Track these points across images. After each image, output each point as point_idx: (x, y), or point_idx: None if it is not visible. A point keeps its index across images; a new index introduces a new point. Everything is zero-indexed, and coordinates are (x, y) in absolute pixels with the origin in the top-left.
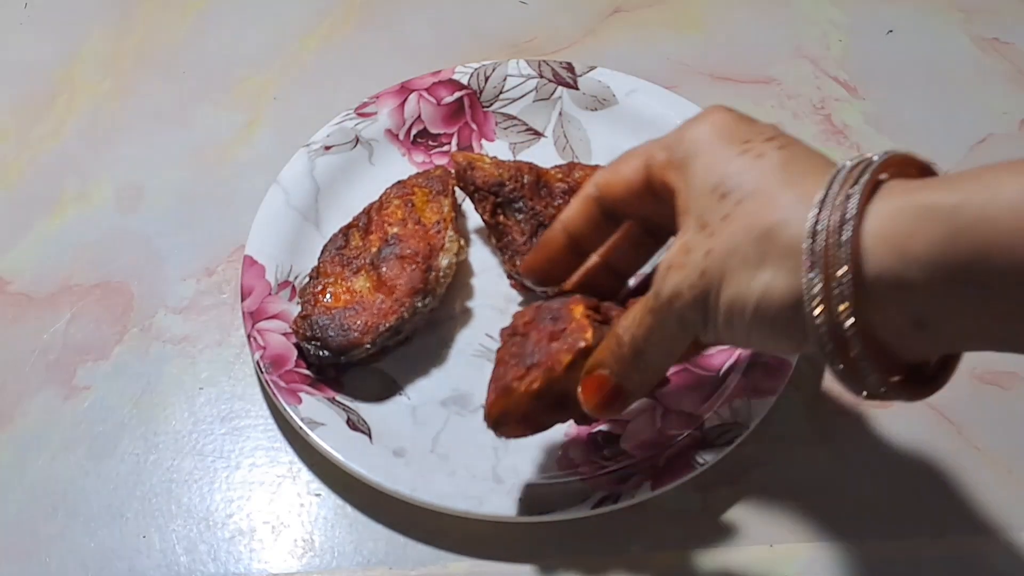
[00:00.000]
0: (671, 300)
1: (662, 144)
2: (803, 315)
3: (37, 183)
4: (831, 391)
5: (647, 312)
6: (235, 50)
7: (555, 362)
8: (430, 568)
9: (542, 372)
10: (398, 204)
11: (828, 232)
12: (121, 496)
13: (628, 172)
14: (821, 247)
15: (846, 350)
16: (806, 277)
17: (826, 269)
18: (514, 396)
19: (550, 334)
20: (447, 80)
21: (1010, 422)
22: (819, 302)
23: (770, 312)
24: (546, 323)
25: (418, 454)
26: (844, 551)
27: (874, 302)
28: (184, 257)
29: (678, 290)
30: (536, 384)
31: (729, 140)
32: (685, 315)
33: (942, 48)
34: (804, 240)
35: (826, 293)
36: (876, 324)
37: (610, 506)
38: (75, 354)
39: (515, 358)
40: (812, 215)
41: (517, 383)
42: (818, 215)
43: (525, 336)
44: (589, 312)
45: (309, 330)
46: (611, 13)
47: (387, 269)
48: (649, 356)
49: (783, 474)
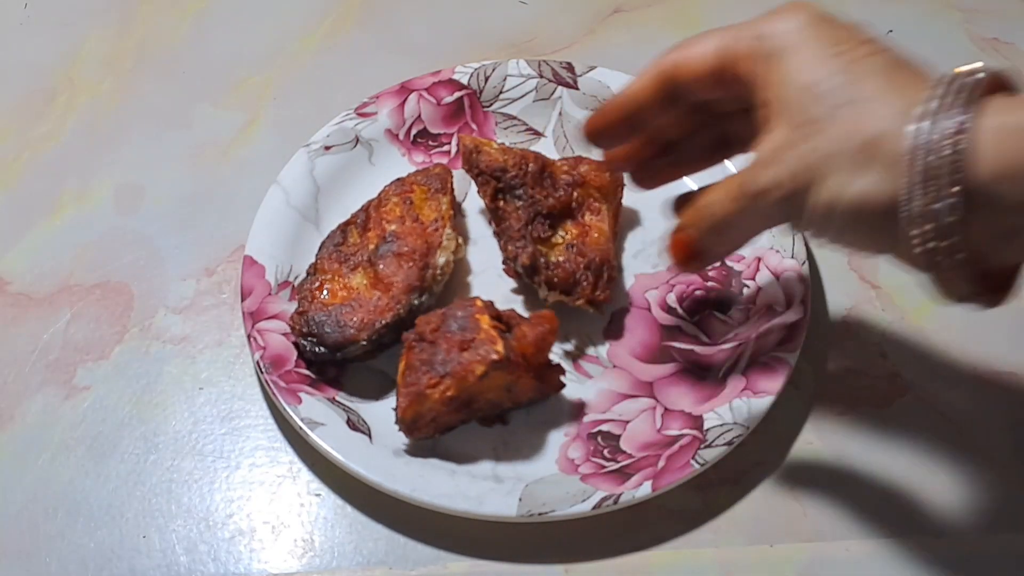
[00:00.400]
0: (762, 194)
1: (748, 32)
2: (899, 222)
3: (37, 183)
4: (831, 391)
5: (733, 200)
6: (235, 50)
7: (468, 372)
8: (430, 568)
9: (456, 381)
10: (396, 202)
11: (936, 146)
12: (121, 496)
13: (705, 53)
14: (932, 160)
15: (942, 261)
16: (910, 189)
17: (933, 181)
18: (428, 402)
19: (460, 343)
20: (447, 80)
21: (1010, 422)
22: (922, 214)
23: (867, 215)
24: (454, 332)
25: (418, 454)
26: (844, 551)
27: (979, 216)
28: (184, 257)
29: (771, 184)
30: (450, 391)
31: (823, 39)
32: (774, 209)
33: (942, 48)
34: (911, 152)
35: (928, 206)
36: (973, 235)
37: (610, 506)
38: (75, 354)
39: (426, 365)
40: (923, 127)
41: (431, 390)
42: (929, 127)
43: (433, 344)
44: (495, 323)
45: (305, 326)
46: (611, 13)
47: (384, 266)
48: (732, 233)
49: (783, 474)
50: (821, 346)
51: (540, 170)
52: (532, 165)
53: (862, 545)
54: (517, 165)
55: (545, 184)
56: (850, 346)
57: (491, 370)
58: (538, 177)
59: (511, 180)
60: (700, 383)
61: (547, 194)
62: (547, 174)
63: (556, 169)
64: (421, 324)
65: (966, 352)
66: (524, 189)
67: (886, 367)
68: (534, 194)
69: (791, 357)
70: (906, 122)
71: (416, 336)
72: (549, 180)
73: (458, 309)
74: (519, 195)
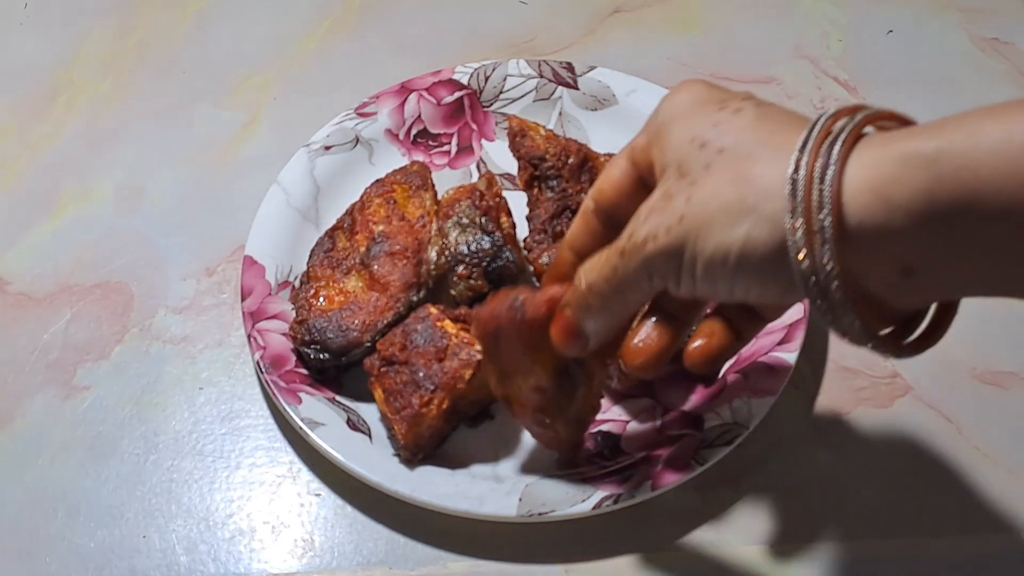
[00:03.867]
0: (644, 242)
1: (647, 127)
2: (788, 260)
3: (37, 183)
4: (831, 391)
5: (616, 252)
6: (235, 50)
7: (457, 379)
8: (430, 568)
9: (447, 392)
10: (380, 203)
11: (810, 177)
12: (121, 496)
13: (616, 172)
14: (803, 192)
15: (830, 295)
16: (789, 222)
17: (808, 214)
18: (426, 420)
19: (435, 354)
20: (447, 80)
21: (1010, 422)
22: (803, 247)
23: (754, 258)
24: (423, 346)
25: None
26: (844, 551)
27: (858, 249)
28: (184, 257)
29: (654, 232)
30: (445, 404)
31: (706, 102)
32: (656, 262)
33: (942, 48)
34: (786, 185)
35: (809, 238)
36: (862, 273)
37: (610, 506)
38: (75, 354)
39: (409, 386)
40: (793, 159)
41: (426, 409)
42: (799, 160)
43: (406, 363)
44: (460, 324)
45: (307, 334)
46: (611, 13)
47: (379, 267)
48: (610, 302)
49: (783, 474)
50: (821, 346)
51: (580, 164)
52: (572, 158)
53: (862, 545)
54: (557, 156)
55: (583, 179)
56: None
57: (477, 371)
58: (576, 171)
59: (547, 170)
60: (700, 383)
61: (581, 189)
62: (587, 167)
63: (599, 164)
64: (384, 347)
65: (966, 352)
66: (559, 181)
67: (886, 367)
68: (567, 188)
69: (791, 357)
70: (783, 158)
71: (383, 361)
72: (588, 175)
73: (416, 323)
74: (552, 186)
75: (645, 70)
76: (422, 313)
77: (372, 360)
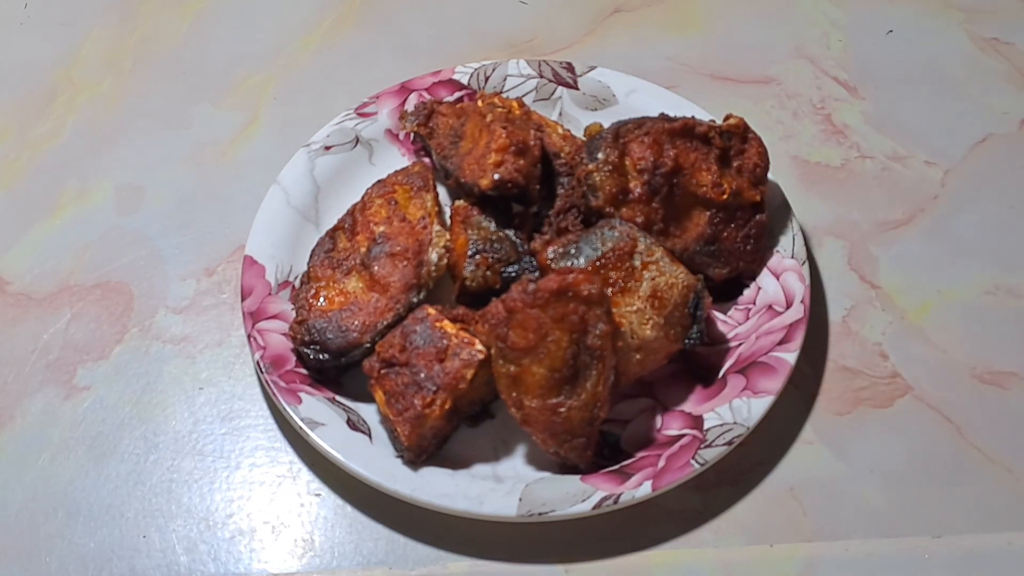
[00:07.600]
0: None
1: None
2: None
3: (37, 183)
4: (831, 391)
5: None
6: (235, 50)
7: (459, 379)
8: (430, 568)
9: (449, 392)
10: (381, 203)
11: None
12: (121, 496)
13: None
14: None
15: None
16: None
17: None
18: (429, 421)
19: (435, 355)
20: (447, 80)
21: (1010, 422)
22: None
23: None
24: (423, 347)
25: None
26: (844, 551)
27: None
28: (184, 257)
29: None
30: (448, 404)
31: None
32: None
33: (942, 48)
34: None
35: None
36: None
37: (610, 506)
38: (75, 354)
39: (410, 387)
40: None
41: (428, 410)
42: None
43: (406, 364)
44: (459, 325)
45: (307, 335)
46: (611, 13)
47: (379, 268)
48: None
49: (783, 474)
50: (821, 346)
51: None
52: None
53: (862, 545)
54: (571, 155)
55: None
56: (850, 346)
57: (479, 370)
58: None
59: (560, 167)
60: (700, 383)
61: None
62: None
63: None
64: (383, 349)
65: (966, 352)
66: (570, 179)
67: (886, 367)
68: (576, 186)
69: (791, 357)
70: None
71: (383, 363)
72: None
73: (414, 324)
74: (563, 183)
75: (645, 70)
76: (420, 314)
77: (371, 362)
